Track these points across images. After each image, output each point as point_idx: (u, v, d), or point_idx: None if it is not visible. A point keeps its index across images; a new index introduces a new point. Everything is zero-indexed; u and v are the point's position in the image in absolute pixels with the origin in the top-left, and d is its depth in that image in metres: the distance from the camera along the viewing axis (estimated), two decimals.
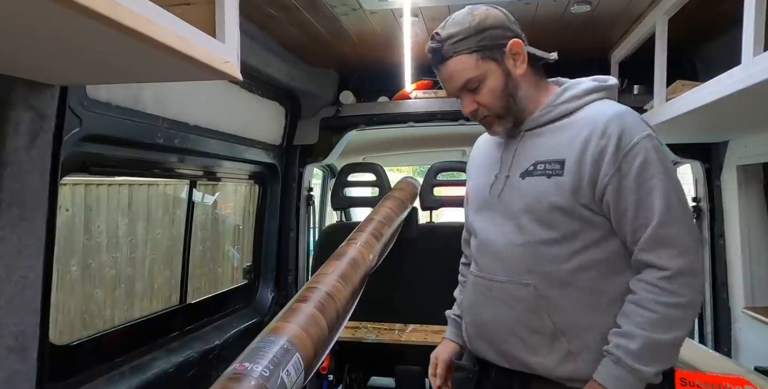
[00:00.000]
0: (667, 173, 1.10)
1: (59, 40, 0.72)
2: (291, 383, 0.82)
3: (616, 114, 1.13)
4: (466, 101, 1.21)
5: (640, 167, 1.08)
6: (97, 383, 1.45)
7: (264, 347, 0.86)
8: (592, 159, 1.11)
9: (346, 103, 2.55)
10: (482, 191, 1.28)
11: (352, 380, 2.40)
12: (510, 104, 1.20)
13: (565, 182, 1.12)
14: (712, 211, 2.24)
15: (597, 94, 1.20)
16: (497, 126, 1.23)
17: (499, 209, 1.23)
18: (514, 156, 1.23)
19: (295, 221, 2.65)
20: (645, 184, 1.08)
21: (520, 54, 1.19)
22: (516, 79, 1.20)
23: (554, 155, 1.15)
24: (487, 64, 1.17)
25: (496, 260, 1.21)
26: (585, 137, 1.12)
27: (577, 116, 1.17)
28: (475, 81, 1.17)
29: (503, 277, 1.19)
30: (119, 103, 1.36)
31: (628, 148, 1.09)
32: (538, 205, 1.15)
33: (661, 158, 1.10)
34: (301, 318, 1.00)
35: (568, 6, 1.79)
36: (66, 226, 3.66)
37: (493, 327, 1.21)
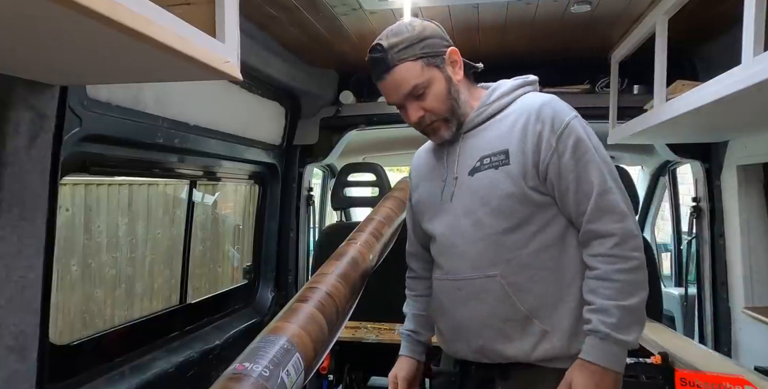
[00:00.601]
0: (597, 148, 1.18)
1: (59, 40, 0.72)
2: (291, 383, 0.82)
3: (545, 101, 1.22)
4: (411, 109, 1.25)
5: (575, 145, 1.17)
6: (97, 383, 1.45)
7: (264, 347, 0.86)
8: (533, 144, 1.18)
9: (346, 103, 2.55)
10: (434, 198, 1.32)
11: (352, 380, 2.40)
12: (454, 107, 1.26)
13: (513, 169, 1.19)
14: (712, 211, 2.24)
15: (524, 89, 1.29)
16: (444, 130, 1.27)
17: (454, 211, 1.26)
18: (458, 158, 1.28)
19: (295, 221, 2.65)
20: (581, 160, 1.16)
21: (457, 62, 1.27)
22: (456, 85, 1.26)
23: (497, 147, 1.22)
24: (431, 71, 1.23)
25: (460, 259, 1.25)
26: (522, 125, 1.20)
27: (510, 109, 1.25)
28: (421, 87, 1.22)
29: (470, 273, 1.22)
30: (119, 103, 1.36)
31: (561, 129, 1.17)
32: (491, 197, 1.20)
33: (589, 135, 1.19)
34: (301, 317, 1.00)
35: (568, 6, 1.79)
36: (66, 226, 3.66)
37: (468, 324, 1.23)
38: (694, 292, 2.47)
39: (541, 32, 2.05)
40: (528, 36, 2.10)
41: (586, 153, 1.17)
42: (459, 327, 1.26)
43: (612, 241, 1.13)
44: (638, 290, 1.12)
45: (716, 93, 1.28)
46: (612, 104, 2.20)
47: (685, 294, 2.62)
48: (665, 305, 2.59)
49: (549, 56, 2.33)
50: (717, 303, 2.22)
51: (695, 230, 2.36)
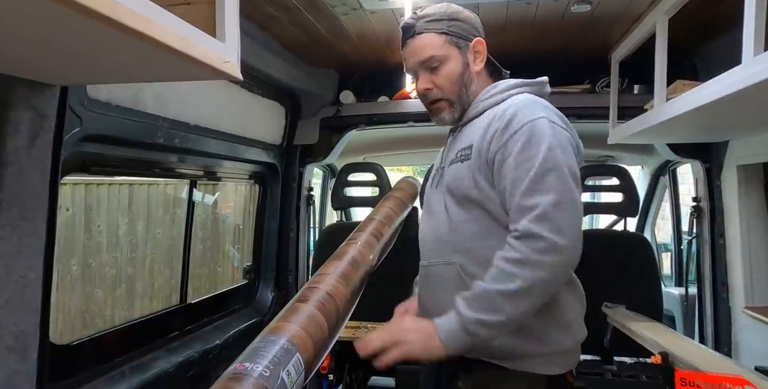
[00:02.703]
0: (551, 152, 1.12)
1: (60, 40, 0.72)
2: (291, 383, 0.82)
3: (520, 101, 1.22)
4: (423, 79, 1.30)
5: (524, 146, 1.14)
6: (98, 383, 1.45)
7: (264, 347, 0.86)
8: (488, 140, 1.20)
9: (346, 103, 2.55)
10: (429, 186, 1.39)
11: (352, 380, 2.39)
12: (462, 93, 1.30)
13: (471, 164, 1.22)
14: (713, 211, 2.24)
15: (519, 89, 1.28)
16: (446, 113, 1.31)
17: (434, 198, 1.33)
18: (449, 149, 1.34)
19: (296, 220, 2.65)
20: (525, 163, 1.13)
21: (481, 53, 1.31)
22: (471, 74, 1.30)
23: (468, 142, 1.26)
24: (451, 49, 1.27)
25: (431, 245, 1.31)
26: (488, 122, 1.22)
27: (497, 108, 1.26)
28: (436, 60, 1.27)
29: (434, 259, 1.28)
30: (119, 103, 1.36)
31: (517, 127, 1.16)
32: (455, 188, 1.25)
33: (548, 138, 1.13)
34: (302, 317, 1.00)
35: (569, 6, 1.79)
36: (66, 226, 3.66)
37: (432, 311, 1.21)
38: (694, 292, 2.47)
39: (542, 32, 2.05)
40: (528, 36, 2.10)
41: (534, 157, 1.12)
42: (427, 312, 1.26)
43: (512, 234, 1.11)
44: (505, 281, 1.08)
45: (716, 93, 1.28)
46: (612, 104, 2.20)
47: (686, 294, 2.62)
48: (665, 305, 2.59)
49: (549, 56, 2.33)
50: (717, 302, 2.22)
51: (695, 230, 2.36)
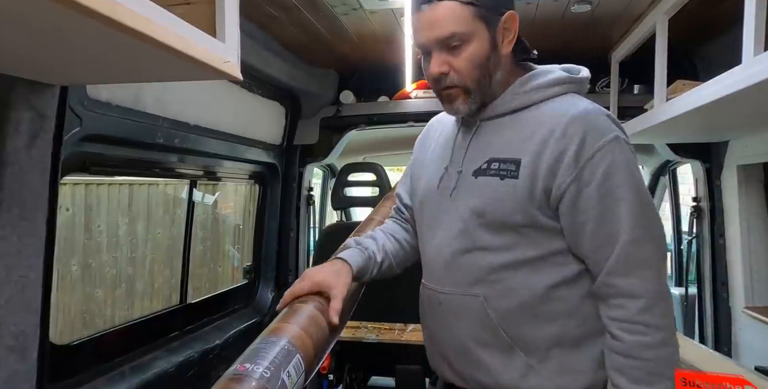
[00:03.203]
0: (636, 182, 0.98)
1: (60, 40, 0.72)
2: (292, 384, 0.82)
3: (581, 113, 1.00)
4: (436, 60, 1.03)
5: (605, 175, 0.96)
6: (98, 383, 1.45)
7: (265, 348, 0.86)
8: (548, 164, 0.98)
9: (346, 102, 2.55)
10: (431, 185, 1.14)
11: (352, 380, 2.39)
12: (483, 81, 1.04)
13: (518, 185, 1.00)
14: (713, 211, 2.24)
15: (564, 87, 1.07)
16: (461, 103, 1.06)
17: (448, 210, 1.09)
18: (468, 149, 1.09)
19: (296, 220, 2.65)
20: (609, 195, 0.96)
21: (511, 31, 1.05)
22: (499, 57, 1.05)
23: (509, 153, 1.02)
24: (478, 25, 1.00)
25: (443, 270, 1.09)
26: (543, 137, 1.00)
27: (539, 110, 1.04)
28: (459, 38, 1.00)
29: (451, 288, 1.08)
30: (119, 103, 1.36)
31: (592, 152, 0.96)
32: (487, 209, 1.02)
33: (630, 164, 0.98)
34: (302, 318, 0.99)
35: (569, 6, 1.79)
36: (66, 226, 3.66)
37: (448, 342, 1.10)
38: (694, 292, 2.47)
39: (542, 32, 2.05)
40: (528, 36, 2.08)
41: (619, 187, 0.95)
42: (438, 344, 1.14)
43: (638, 304, 0.94)
44: (669, 368, 0.93)
45: (716, 93, 1.28)
46: (612, 104, 2.20)
47: (686, 294, 2.62)
48: None
49: (549, 56, 2.31)
50: (717, 302, 2.22)
51: (695, 230, 2.36)
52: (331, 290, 1.04)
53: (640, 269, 0.96)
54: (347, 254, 1.12)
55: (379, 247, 1.18)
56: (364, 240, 1.19)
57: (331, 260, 1.12)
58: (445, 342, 1.11)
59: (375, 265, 1.16)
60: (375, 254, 1.16)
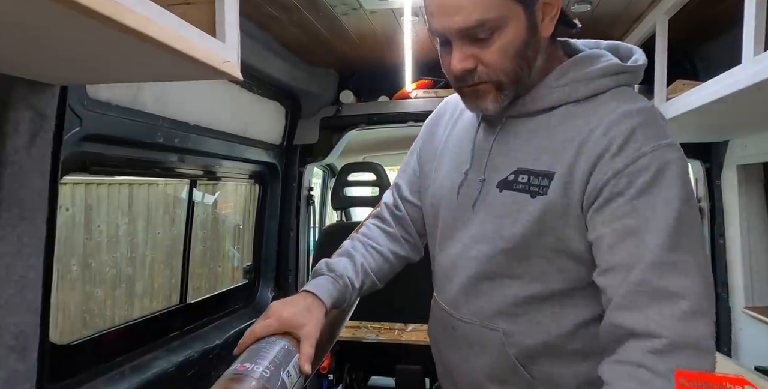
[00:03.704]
0: (683, 201, 0.75)
1: (59, 39, 0.72)
2: (292, 384, 0.82)
3: (630, 111, 0.81)
4: (459, 54, 0.82)
5: (645, 186, 0.75)
6: (98, 382, 1.45)
7: (264, 348, 0.86)
8: (584, 170, 0.80)
9: (346, 102, 2.55)
10: (447, 190, 0.97)
11: (352, 379, 2.40)
12: (521, 72, 0.84)
13: (548, 202, 0.82)
14: (713, 211, 2.24)
15: (614, 79, 0.87)
16: (491, 101, 0.86)
17: (468, 224, 0.92)
18: (491, 152, 0.91)
19: (296, 220, 2.65)
20: (644, 210, 0.75)
21: (554, 6, 0.83)
22: (539, 42, 0.84)
23: (543, 163, 0.84)
24: (512, 7, 0.79)
25: (460, 294, 0.95)
26: (582, 139, 0.81)
27: (582, 108, 0.85)
28: (488, 27, 0.79)
29: (468, 317, 0.94)
30: (119, 102, 1.36)
31: (634, 157, 0.77)
32: (510, 231, 0.85)
33: (680, 179, 0.76)
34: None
35: (569, 5, 1.79)
36: (66, 225, 3.66)
37: (461, 371, 0.99)
38: None
39: None
40: None
41: (659, 205, 0.74)
42: (450, 370, 1.02)
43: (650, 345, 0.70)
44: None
45: (716, 93, 1.28)
46: None
47: None
48: None
49: None
50: (717, 302, 2.22)
51: None
52: (300, 330, 0.87)
53: (659, 303, 0.71)
54: (318, 285, 0.95)
55: (357, 269, 1.02)
56: (338, 264, 1.01)
57: (300, 293, 0.95)
58: (460, 373, 0.99)
59: (354, 292, 1.01)
60: (352, 280, 1.00)
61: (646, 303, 0.72)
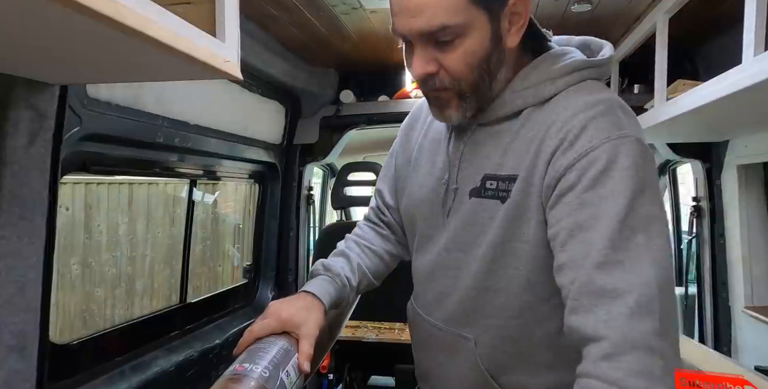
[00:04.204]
0: (636, 192, 0.71)
1: (59, 39, 0.72)
2: (291, 383, 0.82)
3: (586, 103, 0.79)
4: (423, 57, 0.81)
5: (594, 180, 0.72)
6: (98, 382, 1.45)
7: (264, 348, 0.86)
8: (542, 168, 0.79)
9: (346, 102, 2.55)
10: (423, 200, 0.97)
11: (352, 379, 2.40)
12: (483, 82, 0.83)
13: (514, 207, 0.81)
14: (713, 210, 2.24)
15: (579, 75, 0.84)
16: (453, 110, 0.85)
17: (444, 232, 0.92)
18: (461, 160, 0.90)
19: (296, 220, 2.65)
20: (593, 205, 0.72)
21: (521, 16, 0.82)
22: (503, 52, 0.83)
23: (507, 168, 0.83)
24: (478, 14, 0.78)
25: (434, 300, 0.96)
26: (540, 138, 0.80)
27: (548, 108, 0.83)
28: (451, 32, 0.78)
29: (441, 324, 0.94)
30: (119, 102, 1.36)
31: (584, 150, 0.74)
32: (481, 239, 0.85)
33: (635, 170, 0.73)
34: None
35: (569, 5, 1.79)
36: (66, 225, 3.66)
37: (438, 376, 0.99)
38: (694, 291, 2.47)
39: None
40: None
41: (608, 199, 0.71)
42: (426, 373, 1.04)
43: (599, 350, 0.66)
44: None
45: (717, 92, 1.28)
46: None
47: (685, 294, 2.62)
48: None
49: None
50: (717, 302, 2.23)
51: (695, 229, 2.36)
52: (299, 330, 0.88)
53: (608, 302, 0.67)
54: (317, 285, 0.96)
55: (353, 268, 1.03)
56: (335, 264, 1.02)
57: (299, 293, 0.96)
58: (438, 378, 1.00)
59: (351, 291, 1.02)
60: (349, 279, 1.01)
61: (594, 304, 0.68)
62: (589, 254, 0.70)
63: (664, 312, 0.67)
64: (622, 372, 0.64)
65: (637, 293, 0.67)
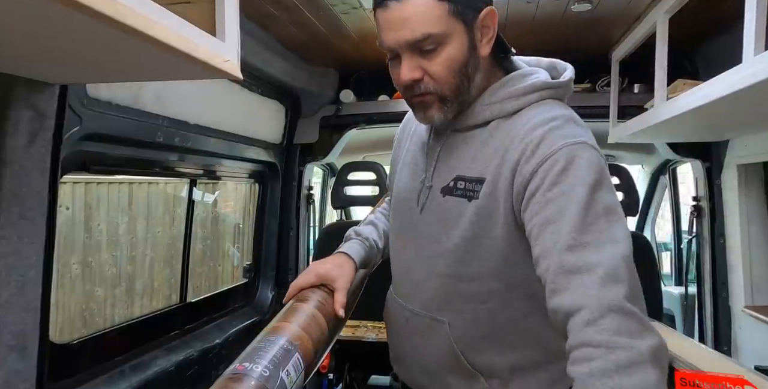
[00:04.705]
0: (592, 186, 0.81)
1: (60, 39, 0.72)
2: (291, 383, 0.82)
3: (544, 119, 0.90)
4: (407, 66, 0.91)
5: (555, 178, 0.82)
6: (98, 381, 1.45)
7: (264, 347, 0.86)
8: (507, 176, 0.89)
9: (346, 101, 2.55)
10: (404, 197, 1.08)
11: (352, 378, 2.40)
12: (462, 87, 0.94)
13: (481, 207, 0.91)
14: (713, 210, 2.24)
15: (539, 94, 0.96)
16: (436, 111, 0.95)
17: (419, 227, 1.03)
18: (437, 162, 1.01)
19: (296, 219, 2.65)
20: (557, 200, 0.81)
21: (490, 29, 0.93)
22: (478, 59, 0.94)
23: (476, 170, 0.94)
24: (456, 25, 0.89)
25: (412, 288, 1.06)
26: (505, 148, 0.91)
27: (511, 121, 0.94)
28: (434, 41, 0.88)
29: (418, 309, 1.04)
30: (119, 101, 1.36)
31: (546, 154, 0.84)
32: (451, 233, 0.95)
33: (589, 169, 0.82)
34: (302, 317, 1.00)
35: (569, 5, 1.79)
36: (66, 225, 3.66)
37: (412, 357, 1.09)
38: (694, 291, 2.47)
39: (542, 31, 2.04)
40: (528, 35, 2.09)
41: (569, 193, 0.80)
42: (402, 356, 1.14)
43: (581, 318, 0.72)
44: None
45: (717, 92, 1.28)
46: (612, 103, 2.20)
47: (685, 293, 2.62)
48: (665, 304, 2.59)
49: (549, 55, 2.32)
50: (717, 302, 2.23)
51: (695, 229, 2.36)
52: (334, 283, 1.06)
53: (580, 276, 0.74)
54: (349, 247, 1.14)
55: (380, 234, 1.20)
56: (363, 229, 1.20)
57: (335, 254, 1.13)
58: (412, 359, 1.10)
59: (378, 252, 1.19)
60: (377, 242, 1.18)
61: (568, 280, 0.75)
62: (558, 241, 0.78)
63: (631, 280, 0.75)
64: (606, 334, 0.70)
65: (605, 265, 0.74)
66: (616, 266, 0.75)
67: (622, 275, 0.74)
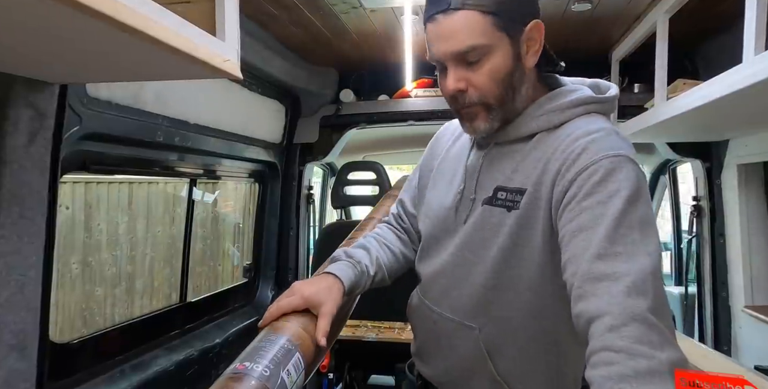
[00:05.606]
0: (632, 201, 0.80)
1: (59, 38, 0.72)
2: (291, 382, 0.82)
3: (588, 131, 0.90)
4: (453, 76, 0.94)
5: (593, 187, 0.82)
6: (98, 381, 1.45)
7: (264, 346, 0.86)
8: (548, 185, 0.90)
9: (346, 101, 2.55)
10: (445, 208, 1.08)
11: (352, 378, 2.40)
12: (507, 97, 0.95)
13: (522, 216, 0.92)
14: (713, 210, 2.24)
15: (585, 108, 0.97)
16: (482, 122, 0.97)
17: (457, 235, 1.03)
18: (480, 174, 1.02)
19: (295, 219, 2.65)
20: (593, 209, 0.81)
21: (537, 41, 0.95)
22: (524, 71, 0.96)
23: (517, 181, 0.95)
24: (500, 36, 0.91)
25: (442, 293, 1.06)
26: (546, 159, 0.92)
27: (555, 134, 0.95)
28: (478, 52, 0.91)
29: (449, 314, 1.04)
30: (119, 101, 1.36)
31: (586, 164, 0.84)
32: (491, 243, 0.96)
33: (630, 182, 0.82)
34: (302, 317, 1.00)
35: (569, 5, 1.78)
36: (66, 224, 3.66)
37: (437, 357, 1.10)
38: (694, 291, 2.47)
39: None
40: None
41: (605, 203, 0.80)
42: (427, 354, 1.13)
43: (604, 323, 0.71)
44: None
45: (717, 92, 1.28)
46: None
47: (686, 293, 2.62)
48: None
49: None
50: (717, 302, 2.23)
51: (695, 229, 2.36)
52: (320, 308, 0.97)
53: (607, 284, 0.74)
54: (338, 268, 1.05)
55: (372, 260, 1.12)
56: (355, 252, 1.12)
57: (321, 275, 1.05)
58: (436, 358, 1.10)
59: (368, 279, 1.10)
60: (368, 268, 1.10)
61: (595, 287, 0.75)
62: (589, 248, 0.78)
63: (658, 294, 0.74)
64: (628, 340, 0.69)
65: (633, 276, 0.74)
66: (644, 279, 0.74)
67: (650, 287, 0.74)
